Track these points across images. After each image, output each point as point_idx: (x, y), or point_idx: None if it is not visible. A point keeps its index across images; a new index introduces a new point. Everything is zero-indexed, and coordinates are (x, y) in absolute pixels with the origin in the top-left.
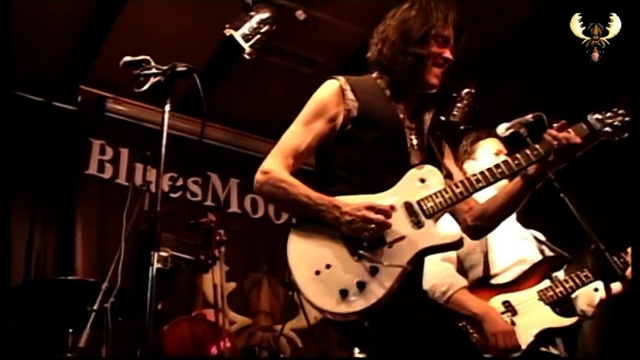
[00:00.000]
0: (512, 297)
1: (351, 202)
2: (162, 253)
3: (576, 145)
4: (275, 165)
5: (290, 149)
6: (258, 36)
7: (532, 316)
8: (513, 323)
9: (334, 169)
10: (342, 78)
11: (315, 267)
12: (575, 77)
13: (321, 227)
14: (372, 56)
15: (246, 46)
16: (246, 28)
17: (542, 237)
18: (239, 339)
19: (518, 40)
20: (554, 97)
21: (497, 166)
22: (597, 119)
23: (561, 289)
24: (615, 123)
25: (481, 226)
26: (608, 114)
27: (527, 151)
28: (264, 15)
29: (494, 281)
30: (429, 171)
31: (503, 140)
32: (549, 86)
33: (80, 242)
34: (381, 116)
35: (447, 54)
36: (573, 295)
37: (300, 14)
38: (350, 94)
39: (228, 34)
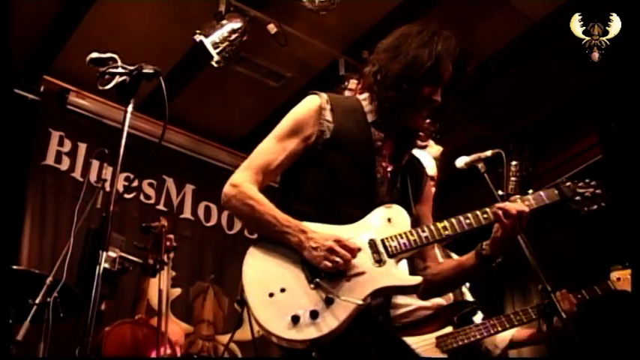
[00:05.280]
0: (410, 341)
1: (319, 231)
2: (111, 254)
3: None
4: (245, 180)
5: (261, 165)
6: (228, 45)
7: None
8: None
9: (297, 187)
10: (324, 96)
11: (270, 289)
12: (537, 115)
13: (281, 248)
14: (367, 79)
15: (214, 53)
16: (216, 36)
17: None
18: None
19: (483, 75)
20: (516, 134)
21: (465, 216)
22: (569, 187)
23: (462, 337)
24: (586, 194)
25: (429, 290)
26: (580, 184)
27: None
28: (236, 25)
29: (396, 323)
30: (397, 211)
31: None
32: (511, 122)
33: (28, 232)
34: (353, 141)
35: (438, 96)
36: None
37: (272, 28)
38: (328, 115)
39: (197, 39)
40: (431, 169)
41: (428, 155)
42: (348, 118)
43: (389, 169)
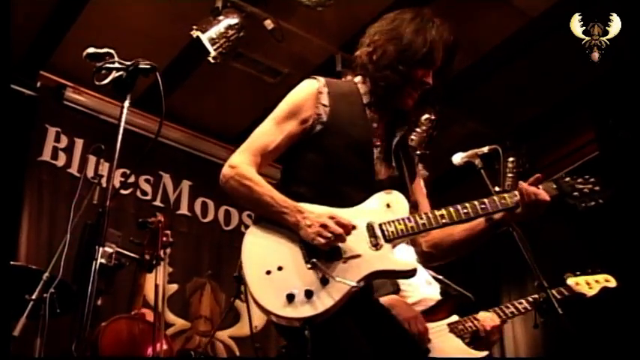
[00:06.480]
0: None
1: (316, 211)
2: (107, 249)
3: (544, 203)
4: (243, 161)
5: (259, 147)
6: (225, 41)
7: (445, 347)
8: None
9: (296, 169)
10: (321, 79)
11: (267, 266)
12: (534, 112)
13: (281, 228)
14: (361, 60)
15: (211, 49)
16: (213, 32)
17: (442, 278)
18: (176, 342)
19: (480, 71)
20: (513, 130)
21: (463, 206)
22: (567, 182)
23: (470, 324)
24: (585, 190)
25: (435, 254)
26: (579, 179)
27: (496, 199)
28: (233, 21)
29: None
30: (397, 198)
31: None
32: (508, 118)
33: (25, 228)
34: (350, 124)
35: (429, 79)
36: None
37: (269, 24)
38: (324, 98)
39: (194, 35)
40: None
41: None
42: (345, 100)
43: (385, 149)
